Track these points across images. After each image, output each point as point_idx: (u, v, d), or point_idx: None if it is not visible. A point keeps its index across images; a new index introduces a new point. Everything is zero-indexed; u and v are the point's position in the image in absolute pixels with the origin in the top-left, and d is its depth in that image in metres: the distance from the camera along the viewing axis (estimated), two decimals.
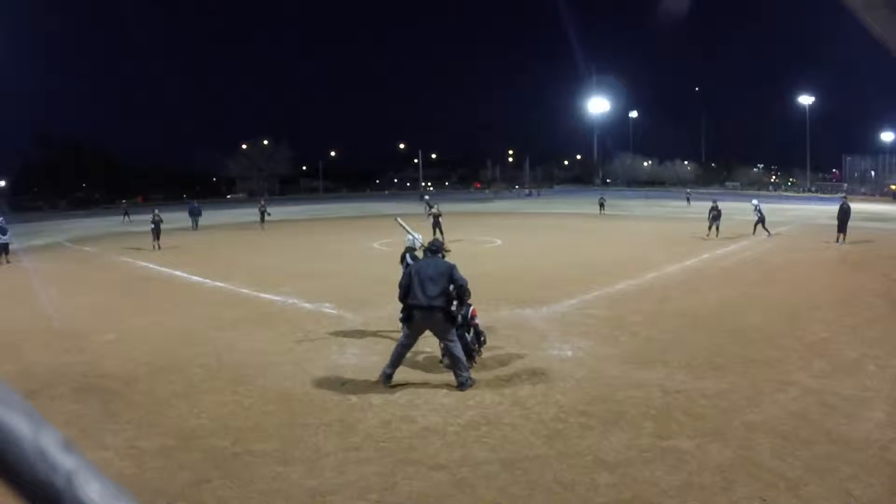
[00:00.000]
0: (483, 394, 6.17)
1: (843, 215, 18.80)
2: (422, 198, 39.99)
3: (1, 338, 9.05)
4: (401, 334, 6.88)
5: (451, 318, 6.38)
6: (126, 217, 37.64)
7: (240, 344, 8.32)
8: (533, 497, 4.22)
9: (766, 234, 20.91)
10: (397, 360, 6.53)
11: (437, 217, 21.15)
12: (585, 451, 4.88)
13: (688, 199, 43.40)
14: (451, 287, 6.36)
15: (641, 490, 4.26)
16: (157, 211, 22.63)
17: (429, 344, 8.03)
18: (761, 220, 21.12)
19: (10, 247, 18.87)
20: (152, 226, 21.53)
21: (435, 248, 6.89)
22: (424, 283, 6.33)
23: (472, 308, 7.17)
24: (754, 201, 22.33)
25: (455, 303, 6.51)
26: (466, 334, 6.95)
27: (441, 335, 6.47)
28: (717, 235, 20.41)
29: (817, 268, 14.55)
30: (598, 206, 36.77)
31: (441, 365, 6.92)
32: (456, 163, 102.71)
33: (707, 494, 4.18)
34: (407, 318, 6.54)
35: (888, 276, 12.92)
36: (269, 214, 29.69)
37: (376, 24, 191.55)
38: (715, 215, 20.83)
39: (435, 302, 6.28)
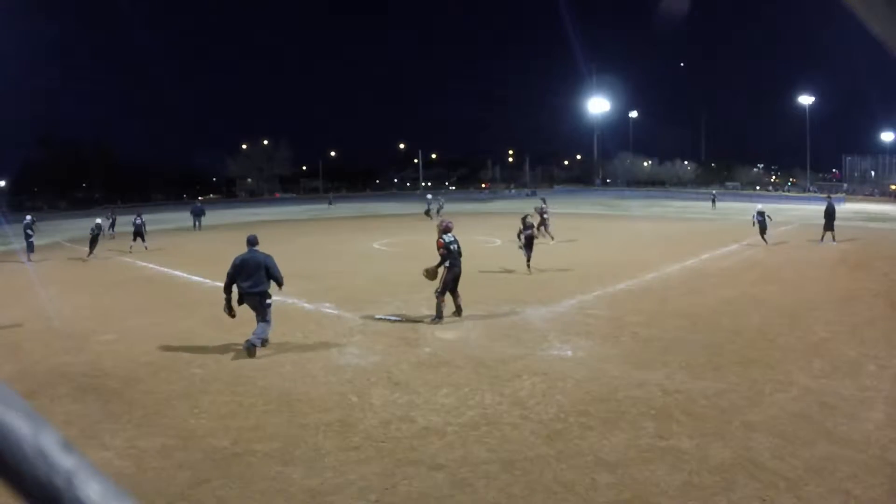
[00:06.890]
0: (483, 394, 6.18)
1: (829, 215, 19.09)
2: (426, 197, 38.59)
3: (1, 338, 9.06)
4: None
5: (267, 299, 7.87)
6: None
7: (240, 344, 8.32)
8: (533, 497, 4.23)
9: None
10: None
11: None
12: (585, 451, 4.88)
13: (713, 201, 40.41)
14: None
15: (641, 490, 4.26)
16: (139, 214, 21.41)
17: (428, 343, 8.04)
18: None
19: (12, 246, 18.91)
20: (133, 228, 20.75)
21: (254, 241, 8.02)
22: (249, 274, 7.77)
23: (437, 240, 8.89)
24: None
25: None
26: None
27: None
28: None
29: (817, 268, 14.55)
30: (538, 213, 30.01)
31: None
32: (456, 163, 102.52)
33: (707, 494, 4.18)
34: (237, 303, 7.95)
35: (888, 276, 12.92)
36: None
37: (376, 24, 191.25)
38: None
39: (256, 289, 7.77)
